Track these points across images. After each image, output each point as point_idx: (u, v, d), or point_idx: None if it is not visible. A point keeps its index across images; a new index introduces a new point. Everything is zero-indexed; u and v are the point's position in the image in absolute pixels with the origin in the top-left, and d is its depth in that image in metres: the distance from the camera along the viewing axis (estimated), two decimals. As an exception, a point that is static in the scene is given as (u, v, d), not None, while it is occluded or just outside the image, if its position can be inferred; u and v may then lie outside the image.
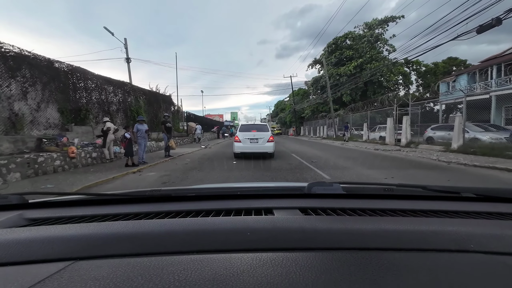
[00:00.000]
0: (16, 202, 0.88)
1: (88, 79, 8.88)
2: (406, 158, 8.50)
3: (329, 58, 30.00)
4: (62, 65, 7.71)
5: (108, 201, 0.99)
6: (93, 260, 0.50)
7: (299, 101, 40.00)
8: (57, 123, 7.48)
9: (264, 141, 8.27)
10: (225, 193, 1.09)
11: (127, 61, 15.58)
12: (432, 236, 0.58)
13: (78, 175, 5.68)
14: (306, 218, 0.73)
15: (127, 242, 0.57)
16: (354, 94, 26.75)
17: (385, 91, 26.04)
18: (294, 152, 10.70)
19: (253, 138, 8.26)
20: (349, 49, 27.85)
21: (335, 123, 20.68)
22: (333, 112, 20.91)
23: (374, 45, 26.22)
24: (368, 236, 0.59)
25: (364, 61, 25.64)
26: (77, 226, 0.68)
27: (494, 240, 0.57)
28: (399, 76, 24.38)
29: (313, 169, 6.31)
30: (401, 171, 6.05)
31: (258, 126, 9.03)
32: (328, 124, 26.59)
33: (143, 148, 7.39)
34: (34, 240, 0.57)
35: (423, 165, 6.99)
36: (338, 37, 28.91)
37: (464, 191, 0.95)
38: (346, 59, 27.52)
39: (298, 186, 1.10)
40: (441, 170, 6.31)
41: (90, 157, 7.25)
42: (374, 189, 1.13)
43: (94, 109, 9.20)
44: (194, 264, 0.47)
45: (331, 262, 0.47)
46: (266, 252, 0.51)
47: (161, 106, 14.93)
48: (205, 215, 0.80)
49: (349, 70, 25.61)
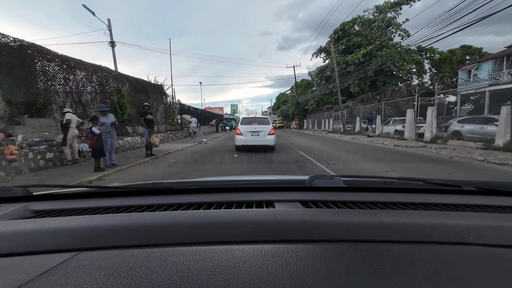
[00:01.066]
0: (20, 195, 0.89)
1: (48, 59, 7.14)
2: (443, 159, 6.82)
3: (335, 46, 27.95)
4: (7, 39, 6.00)
5: (111, 193, 0.98)
6: (97, 251, 0.51)
7: (302, 92, 38.05)
8: (2, 114, 5.83)
9: (265, 134, 8.29)
10: (227, 186, 1.08)
11: (112, 45, 13.78)
12: (432, 229, 0.58)
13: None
14: (306, 210, 0.73)
15: (131, 234, 0.57)
16: (363, 85, 24.85)
17: (396, 81, 24.13)
18: (302, 150, 9.04)
19: (254, 131, 8.30)
20: (358, 35, 25.78)
21: (343, 115, 18.89)
22: (341, 103, 19.07)
23: (385, 30, 24.12)
24: (368, 229, 0.59)
25: (373, 48, 23.63)
26: (81, 218, 0.68)
27: (494, 232, 0.57)
28: (412, 65, 22.33)
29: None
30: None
31: (259, 119, 9.02)
32: (334, 117, 24.82)
33: (109, 146, 5.76)
34: (40, 231, 0.57)
35: (478, 169, 5.35)
36: (346, 22, 26.77)
37: (465, 184, 0.95)
38: (354, 46, 25.50)
39: (299, 179, 1.10)
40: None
41: (42, 159, 5.62)
42: (375, 182, 1.12)
43: (59, 98, 7.54)
44: (196, 255, 0.47)
45: (331, 254, 0.48)
46: (267, 244, 0.52)
47: (150, 96, 13.23)
48: (206, 207, 0.80)
49: (358, 58, 23.62)
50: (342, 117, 18.98)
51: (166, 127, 15.53)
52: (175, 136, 14.65)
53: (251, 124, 8.59)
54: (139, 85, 12.21)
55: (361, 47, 24.98)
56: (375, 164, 6.10)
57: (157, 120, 14.39)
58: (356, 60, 23.63)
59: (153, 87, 13.59)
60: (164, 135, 12.96)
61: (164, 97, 15.54)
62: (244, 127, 8.47)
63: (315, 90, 32.11)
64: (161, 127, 14.71)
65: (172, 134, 14.29)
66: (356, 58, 23.68)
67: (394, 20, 23.67)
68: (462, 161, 6.36)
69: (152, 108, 10.60)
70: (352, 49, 25.61)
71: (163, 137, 12.56)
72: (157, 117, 14.33)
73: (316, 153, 8.09)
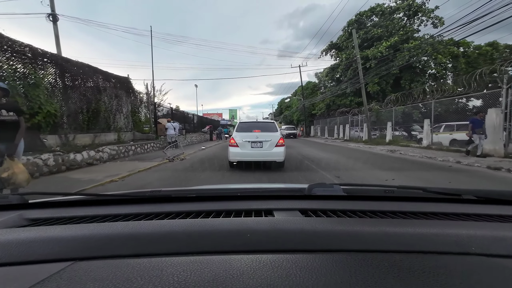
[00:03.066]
0: (16, 202, 0.88)
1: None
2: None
3: (349, 40, 24.02)
4: None
5: (109, 201, 0.97)
6: (93, 260, 0.50)
7: (309, 95, 34.00)
8: None
9: (271, 145, 5.86)
10: (225, 194, 1.06)
11: (53, 20, 9.74)
12: (433, 238, 0.57)
13: None
14: (306, 219, 0.72)
15: (127, 243, 0.56)
16: (384, 84, 20.79)
17: (427, 79, 20.03)
18: (332, 171, 4.81)
19: (255, 141, 5.90)
20: (377, 26, 21.87)
21: (368, 119, 14.66)
22: (367, 105, 14.86)
23: (413, 19, 20.20)
24: (368, 238, 0.58)
25: (398, 40, 19.65)
26: (77, 226, 0.68)
27: (495, 242, 0.56)
28: (448, 59, 18.22)
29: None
30: None
31: (263, 124, 6.62)
32: (351, 122, 20.66)
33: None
34: (34, 240, 0.56)
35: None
36: (363, 12, 22.92)
37: (465, 193, 0.94)
38: (372, 39, 21.57)
39: (298, 188, 1.10)
40: None
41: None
42: (375, 191, 1.10)
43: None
44: (194, 265, 0.47)
45: (331, 264, 0.47)
46: (266, 254, 0.51)
47: (102, 91, 9.12)
48: (205, 216, 0.79)
49: (379, 52, 19.62)
50: (368, 121, 14.76)
51: (134, 135, 11.37)
52: (143, 148, 10.44)
53: (251, 131, 6.14)
54: (80, 73, 8.08)
55: (381, 40, 21.07)
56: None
57: (119, 125, 10.26)
58: (377, 54, 19.60)
59: (107, 76, 9.43)
60: (121, 148, 8.76)
61: (131, 95, 11.41)
62: (242, 136, 6.01)
63: (326, 91, 28.01)
64: (126, 136, 10.55)
65: (139, 147, 10.10)
66: (378, 52, 19.66)
67: (424, 6, 19.72)
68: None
69: (53, 98, 6.31)
70: (370, 42, 21.68)
71: (116, 152, 8.37)
72: (119, 122, 10.21)
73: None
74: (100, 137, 8.91)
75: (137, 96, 11.72)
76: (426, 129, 10.98)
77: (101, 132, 9.08)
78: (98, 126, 8.88)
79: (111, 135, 9.56)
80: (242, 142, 5.91)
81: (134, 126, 11.55)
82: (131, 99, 11.43)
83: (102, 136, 9.06)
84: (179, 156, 9.19)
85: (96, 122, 8.81)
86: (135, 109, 11.59)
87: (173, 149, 10.86)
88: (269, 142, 5.85)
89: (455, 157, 7.64)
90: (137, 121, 11.62)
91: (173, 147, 11.34)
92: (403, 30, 19.93)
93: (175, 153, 9.41)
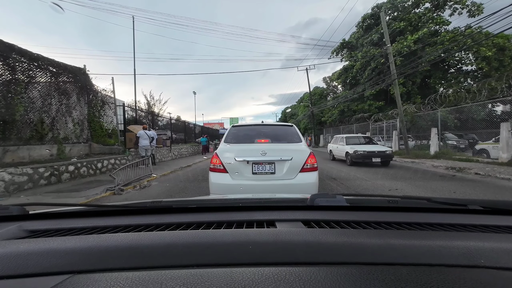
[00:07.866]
0: (16, 213, 0.86)
1: None
2: None
3: (364, 37, 21.13)
4: None
5: (109, 212, 0.94)
6: (91, 273, 0.49)
7: (317, 101, 30.91)
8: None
9: (292, 170, 2.92)
10: (227, 204, 1.04)
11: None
12: (441, 251, 0.56)
13: None
14: (309, 231, 0.69)
15: (126, 255, 0.55)
16: (410, 84, 17.61)
17: (462, 77, 16.79)
18: None
19: (261, 161, 2.93)
20: (397, 20, 18.96)
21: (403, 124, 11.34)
22: (401, 106, 11.56)
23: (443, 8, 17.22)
24: (374, 250, 0.56)
25: (426, 33, 16.61)
26: (77, 238, 0.66)
27: (505, 255, 0.54)
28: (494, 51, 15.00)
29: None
30: None
31: (274, 129, 3.63)
32: (372, 130, 17.34)
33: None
34: (32, 253, 0.55)
35: None
36: (381, 4, 20.10)
37: (470, 204, 0.90)
38: (392, 35, 18.60)
39: (300, 198, 1.08)
40: None
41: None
42: (378, 201, 1.07)
43: None
44: (194, 278, 0.45)
45: (336, 277, 0.45)
46: (269, 267, 0.50)
47: (19, 82, 6.00)
48: (206, 227, 0.78)
49: (408, 46, 16.54)
50: (403, 127, 11.40)
51: (92, 148, 8.17)
52: (94, 167, 7.19)
53: (252, 141, 3.30)
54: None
55: (404, 34, 18.08)
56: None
57: (65, 135, 7.09)
58: (404, 49, 16.50)
59: (38, 62, 6.30)
60: (41, 170, 5.55)
61: (89, 94, 8.30)
62: (234, 151, 3.05)
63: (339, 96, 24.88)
64: (74, 149, 7.36)
65: (85, 165, 6.85)
66: (404, 47, 16.58)
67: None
68: None
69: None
70: (391, 37, 18.70)
71: (29, 178, 5.12)
72: (64, 129, 7.05)
73: None
74: (18, 152, 5.71)
75: (97, 95, 8.58)
76: (506, 136, 7.63)
77: (24, 144, 5.90)
78: (15, 134, 5.71)
79: (42, 149, 6.36)
80: (234, 163, 2.95)
81: (92, 136, 8.39)
82: (89, 98, 8.32)
83: (24, 150, 5.87)
84: (142, 182, 5.92)
85: (12, 128, 5.64)
86: (95, 113, 8.44)
87: (116, 176, 7.58)
88: (288, 164, 2.93)
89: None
90: (97, 128, 8.43)
91: (146, 164, 8.07)
92: (432, 22, 16.92)
93: (138, 175, 6.15)
